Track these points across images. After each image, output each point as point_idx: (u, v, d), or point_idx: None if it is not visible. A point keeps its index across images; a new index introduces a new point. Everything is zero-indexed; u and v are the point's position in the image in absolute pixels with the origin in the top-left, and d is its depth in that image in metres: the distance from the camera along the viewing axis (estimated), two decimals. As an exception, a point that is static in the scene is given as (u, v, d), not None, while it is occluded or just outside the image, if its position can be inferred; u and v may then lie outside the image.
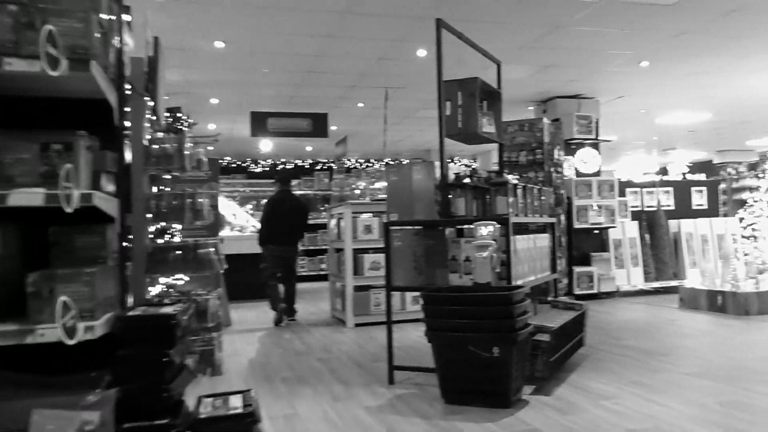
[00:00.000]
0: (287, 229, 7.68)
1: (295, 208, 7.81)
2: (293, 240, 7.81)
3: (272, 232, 7.67)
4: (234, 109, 9.48)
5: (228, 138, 12.14)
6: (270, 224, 7.69)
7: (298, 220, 7.82)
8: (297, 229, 7.82)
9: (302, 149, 13.82)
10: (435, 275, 4.40)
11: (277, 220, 7.65)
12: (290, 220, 7.70)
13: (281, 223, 7.63)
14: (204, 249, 5.36)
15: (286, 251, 7.79)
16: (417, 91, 8.83)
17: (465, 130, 4.56)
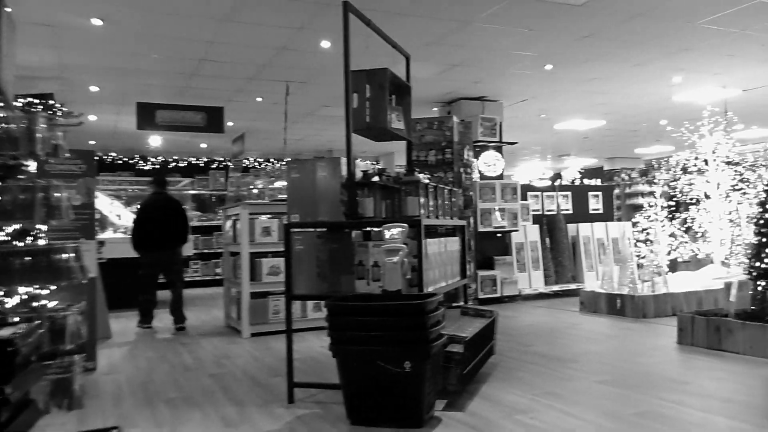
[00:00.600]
0: (165, 232, 7.36)
1: (171, 211, 7.46)
2: (173, 244, 7.45)
3: (147, 236, 7.31)
4: (117, 98, 8.63)
5: (113, 132, 11.16)
6: (144, 228, 7.32)
7: (177, 223, 7.46)
8: (177, 233, 7.45)
9: (196, 146, 13.00)
10: (340, 282, 4.02)
11: (152, 224, 7.32)
12: (167, 224, 7.37)
13: (157, 227, 7.32)
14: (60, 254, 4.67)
15: (166, 256, 7.41)
16: (320, 87, 8.42)
17: (373, 125, 4.21)
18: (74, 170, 5.18)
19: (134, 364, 5.38)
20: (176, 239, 7.45)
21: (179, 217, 7.50)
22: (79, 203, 5.17)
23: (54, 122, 4.82)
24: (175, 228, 7.42)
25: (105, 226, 9.98)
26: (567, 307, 8.04)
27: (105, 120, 10.12)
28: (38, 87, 7.37)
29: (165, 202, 7.51)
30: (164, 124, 8.33)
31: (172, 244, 7.41)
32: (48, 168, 5.11)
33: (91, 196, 5.24)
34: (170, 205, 7.52)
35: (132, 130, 10.62)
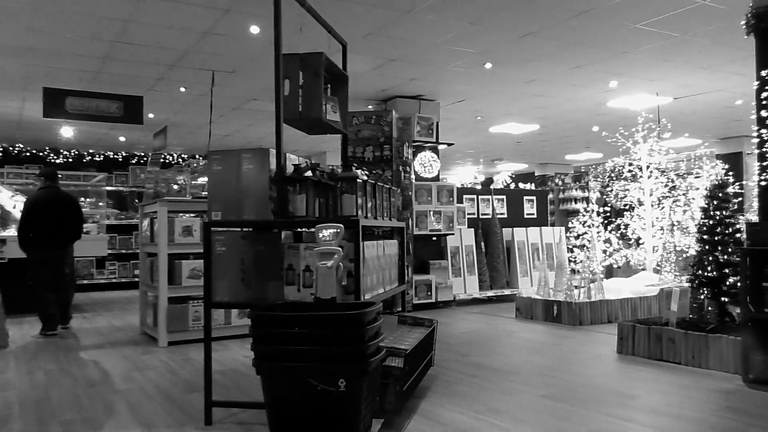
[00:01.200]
0: (57, 229, 6.94)
1: (64, 206, 7.03)
2: (66, 241, 7.06)
3: (38, 233, 6.80)
4: (21, 82, 7.82)
5: (18, 121, 10.22)
6: (33, 225, 6.80)
7: (72, 219, 7.06)
8: (71, 230, 7.06)
9: (114, 139, 12.15)
10: (267, 288, 3.59)
11: (42, 221, 6.85)
12: (61, 220, 6.96)
13: (50, 224, 6.88)
14: None
15: (59, 254, 6.98)
16: (249, 78, 7.92)
17: (307, 115, 3.81)
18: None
19: (30, 379, 4.75)
20: (70, 236, 7.04)
21: (74, 212, 7.09)
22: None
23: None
24: (71, 224, 7.02)
25: (6, 223, 9.08)
26: (502, 314, 7.86)
27: (7, 107, 9.21)
28: None
29: (57, 197, 7.02)
30: (75, 113, 7.60)
31: (65, 240, 7.01)
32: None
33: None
34: (63, 200, 7.05)
35: (40, 120, 9.76)
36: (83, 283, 12.03)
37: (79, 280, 11.98)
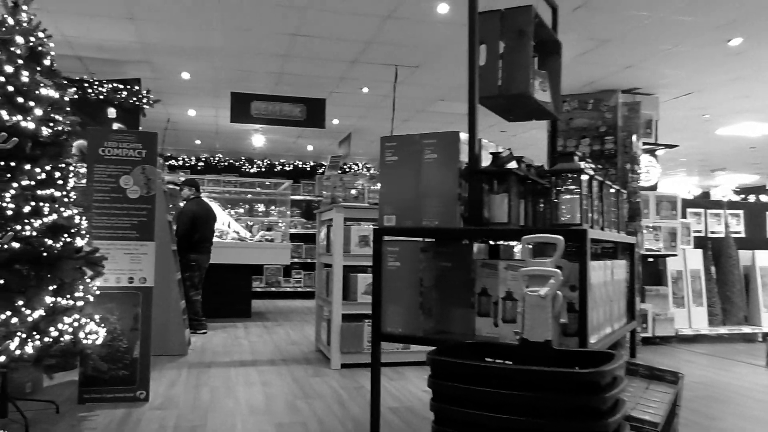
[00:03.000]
0: (210, 237, 7.64)
1: (213, 215, 7.82)
2: (210, 247, 7.71)
3: (202, 239, 7.42)
4: (211, 88, 7.84)
5: (214, 130, 10.54)
6: (198, 232, 7.37)
7: (213, 227, 7.83)
8: (212, 237, 7.79)
9: (302, 148, 12.20)
10: (452, 319, 2.71)
11: (203, 228, 7.46)
12: (211, 228, 7.68)
13: (209, 231, 7.56)
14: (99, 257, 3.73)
15: (206, 260, 7.55)
16: (434, 74, 7.15)
17: (507, 90, 2.87)
18: (132, 155, 4.24)
19: (195, 397, 4.35)
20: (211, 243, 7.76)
21: (215, 221, 7.90)
22: (136, 196, 4.23)
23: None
24: (213, 232, 7.79)
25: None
26: (743, 358, 6.19)
27: (204, 116, 9.47)
28: (126, 72, 6.69)
29: (208, 206, 7.79)
30: (260, 117, 7.43)
31: (210, 246, 7.69)
32: (102, 152, 4.21)
33: (151, 188, 4.27)
34: (211, 209, 7.83)
35: (234, 129, 9.96)
36: (270, 290, 12.23)
37: (266, 288, 12.25)
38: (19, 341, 3.31)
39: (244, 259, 8.65)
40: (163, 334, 5.86)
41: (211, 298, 8.53)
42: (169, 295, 6.01)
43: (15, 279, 3.34)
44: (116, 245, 4.18)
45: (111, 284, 4.15)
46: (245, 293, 9.02)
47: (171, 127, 9.93)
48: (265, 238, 9.33)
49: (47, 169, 3.56)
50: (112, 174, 4.22)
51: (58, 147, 3.64)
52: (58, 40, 5.99)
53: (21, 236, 3.40)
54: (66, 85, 3.83)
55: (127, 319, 4.20)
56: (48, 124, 3.64)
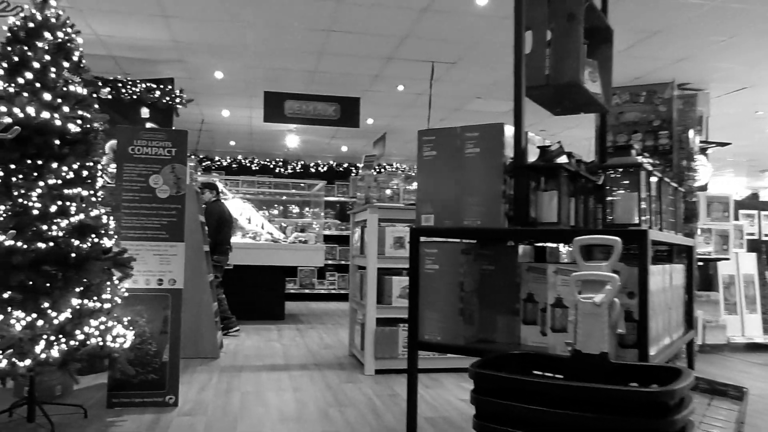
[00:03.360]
0: (230, 237, 7.69)
1: (232, 216, 7.91)
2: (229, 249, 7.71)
3: (222, 240, 7.42)
4: (245, 87, 7.76)
5: (249, 131, 10.49)
6: (221, 233, 7.42)
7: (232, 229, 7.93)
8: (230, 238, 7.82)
9: (337, 149, 12.08)
10: (495, 327, 2.51)
11: (229, 229, 7.60)
12: (231, 229, 7.79)
13: (229, 232, 7.65)
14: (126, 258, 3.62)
15: (226, 261, 7.58)
16: (472, 70, 6.92)
17: (556, 79, 2.66)
18: (162, 154, 4.14)
19: (225, 402, 4.22)
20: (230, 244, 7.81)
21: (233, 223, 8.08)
22: (166, 195, 4.12)
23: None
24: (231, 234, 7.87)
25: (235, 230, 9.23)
26: (805, 368, 5.81)
27: (238, 116, 9.41)
28: (160, 71, 6.64)
29: (227, 208, 7.82)
30: (293, 116, 7.32)
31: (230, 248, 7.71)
32: (131, 150, 4.11)
33: (181, 187, 4.16)
34: (229, 211, 7.87)
35: (268, 130, 9.88)
36: (304, 292, 12.13)
37: (300, 290, 12.16)
38: (45, 344, 3.21)
39: (278, 261, 8.55)
40: (195, 336, 5.77)
41: (244, 300, 8.47)
42: (201, 297, 5.92)
43: (41, 280, 3.25)
44: (145, 246, 4.08)
45: (140, 286, 4.04)
46: (279, 295, 8.92)
47: (205, 128, 9.91)
48: (299, 239, 9.23)
49: (75, 167, 3.47)
50: (141, 173, 4.12)
51: (86, 145, 3.55)
52: (91, 40, 5.97)
53: (47, 236, 3.31)
54: (94, 82, 3.74)
55: (156, 322, 4.09)
56: (76, 121, 3.55)
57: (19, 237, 3.26)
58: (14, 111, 3.34)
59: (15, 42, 3.45)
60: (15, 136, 3.29)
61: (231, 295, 8.41)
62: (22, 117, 3.34)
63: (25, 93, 3.39)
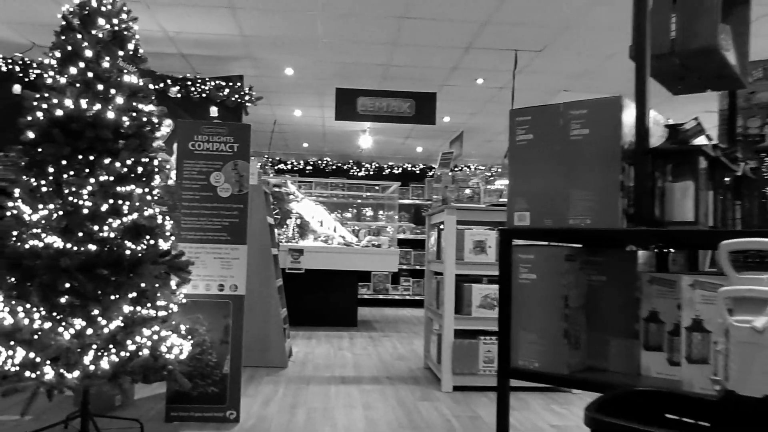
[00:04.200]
0: None
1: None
2: None
3: None
4: (316, 84, 7.48)
5: (322, 132, 10.26)
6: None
7: None
8: None
9: (411, 150, 11.68)
10: (607, 352, 2.02)
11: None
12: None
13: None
14: (183, 262, 3.32)
15: None
16: (559, 58, 6.35)
17: (684, 46, 2.13)
18: (223, 150, 3.85)
19: (289, 419, 3.88)
20: None
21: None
22: (227, 194, 3.83)
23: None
24: None
25: (305, 233, 9.00)
26: None
27: (310, 116, 9.17)
28: (229, 69, 6.45)
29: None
30: (366, 114, 6.97)
31: None
32: (191, 146, 3.85)
33: (243, 185, 3.85)
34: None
35: (341, 130, 9.62)
36: (377, 298, 11.80)
37: (374, 295, 11.84)
38: (94, 355, 2.96)
39: (351, 266, 8.22)
40: (263, 345, 5.50)
41: (316, 306, 8.23)
42: (269, 303, 5.63)
43: (90, 285, 2.99)
44: (206, 248, 3.79)
45: (199, 292, 3.76)
46: (351, 301, 8.61)
47: (278, 129, 9.75)
48: (372, 243, 8.87)
49: (128, 163, 3.21)
50: (202, 170, 3.85)
51: (140, 139, 3.29)
52: (159, 37, 5.83)
53: (98, 238, 3.05)
54: (151, 72, 3.48)
55: (216, 330, 3.79)
56: (130, 114, 3.30)
57: (69, 238, 3.03)
58: (65, 103, 3.11)
59: (69, 30, 3.24)
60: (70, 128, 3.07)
61: (302, 300, 8.20)
62: (74, 109, 3.11)
63: (77, 84, 3.16)
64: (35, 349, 2.89)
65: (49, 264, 2.93)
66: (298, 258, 8.22)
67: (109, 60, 3.24)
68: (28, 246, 3.02)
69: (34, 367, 2.89)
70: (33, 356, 2.89)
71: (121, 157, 3.15)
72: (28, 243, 3.03)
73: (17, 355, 2.91)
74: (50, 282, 2.92)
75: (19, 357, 2.90)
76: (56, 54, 3.21)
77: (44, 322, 2.95)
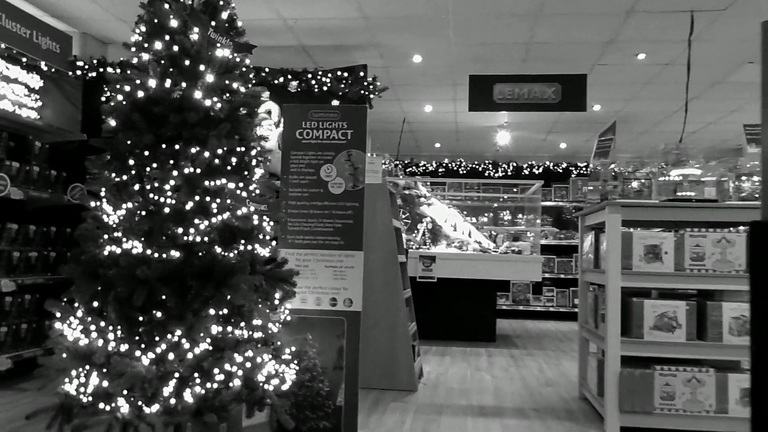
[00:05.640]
0: None
1: None
2: None
3: None
4: (447, 73, 6.73)
5: (454, 129, 9.53)
6: None
7: None
8: None
9: (554, 147, 10.60)
10: None
11: None
12: None
13: None
14: (287, 271, 2.71)
15: None
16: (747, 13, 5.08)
17: None
18: (335, 138, 3.24)
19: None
20: None
21: None
22: (340, 190, 3.21)
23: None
24: None
25: (437, 239, 8.30)
26: None
27: (442, 111, 8.46)
28: (352, 59, 5.91)
29: None
30: (504, 102, 6.12)
31: None
32: (298, 135, 3.27)
33: (358, 180, 3.21)
34: None
35: (476, 127, 8.87)
36: (517, 309, 10.85)
37: (513, 306, 10.88)
38: (176, 385, 2.42)
39: (488, 274, 7.42)
40: (389, 365, 4.85)
41: (449, 319, 7.55)
42: (396, 317, 4.97)
43: (173, 300, 2.47)
44: (315, 255, 3.19)
45: (308, 307, 3.16)
46: (489, 313, 7.79)
47: (407, 128, 9.15)
48: (512, 249, 7.98)
49: (219, 152, 2.67)
50: (311, 162, 3.25)
51: (234, 124, 2.74)
52: (278, 26, 5.41)
53: (182, 242, 2.53)
54: (248, 46, 2.94)
55: (328, 354, 3.18)
56: (222, 95, 2.77)
57: (150, 242, 2.53)
58: (148, 83, 2.63)
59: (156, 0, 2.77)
60: (152, 113, 2.59)
61: (434, 312, 7.52)
62: (156, 89, 2.63)
63: (161, 61, 2.68)
64: (109, 377, 2.41)
65: (125, 273, 2.45)
66: (430, 266, 7.56)
67: (199, 31, 2.73)
68: (107, 252, 2.57)
69: (108, 398, 2.41)
70: (107, 385, 2.41)
71: (211, 146, 2.61)
72: (107, 248, 2.57)
73: (90, 382, 2.45)
74: (127, 295, 2.44)
75: (92, 385, 2.44)
76: (141, 27, 2.75)
77: (120, 343, 2.47)
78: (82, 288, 2.51)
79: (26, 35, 5.05)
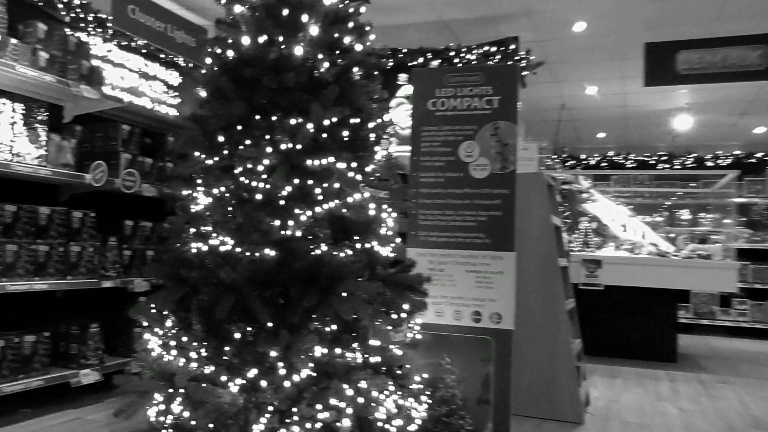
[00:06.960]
0: None
1: None
2: None
3: None
4: (615, 43, 5.71)
5: (622, 116, 8.37)
6: None
7: None
8: None
9: (746, 132, 9.00)
10: None
11: None
12: None
13: None
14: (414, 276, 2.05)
15: None
16: None
17: None
18: (477, 107, 2.54)
19: None
20: None
21: None
22: (485, 174, 2.51)
23: None
24: None
25: (604, 240, 7.30)
26: None
27: (608, 94, 7.39)
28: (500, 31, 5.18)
29: None
30: (690, 73, 5.02)
31: None
32: (431, 105, 2.62)
33: (508, 160, 2.49)
34: None
35: (649, 111, 7.70)
36: (700, 323, 9.40)
37: (694, 320, 9.48)
38: (269, 422, 1.88)
39: (668, 282, 6.36)
40: (548, 389, 4.02)
41: (619, 333, 6.55)
42: (557, 333, 4.13)
43: (266, 311, 1.93)
44: (452, 257, 2.51)
45: (444, 322, 2.49)
46: (667, 328, 6.67)
47: (567, 116, 8.18)
48: (699, 253, 6.78)
49: (326, 124, 2.09)
50: (447, 140, 2.58)
51: (345, 88, 2.15)
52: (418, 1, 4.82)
53: (277, 238, 1.98)
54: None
55: (471, 383, 2.48)
56: (331, 52, 2.20)
57: (239, 238, 2.01)
58: (239, 39, 2.13)
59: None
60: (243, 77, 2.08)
61: (601, 325, 6.58)
62: (249, 48, 2.12)
63: (255, 12, 2.17)
64: (190, 406, 1.92)
65: (208, 276, 1.95)
66: (595, 271, 6.64)
67: (301, -26, 2.18)
68: (195, 249, 2.10)
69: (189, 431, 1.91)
70: (187, 415, 1.92)
71: (315, 115, 2.04)
72: (194, 245, 2.10)
73: (172, 408, 1.98)
74: (210, 303, 1.93)
75: (171, 414, 1.97)
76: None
77: (205, 364, 1.97)
78: (163, 293, 2.06)
79: (161, 29, 4.93)
